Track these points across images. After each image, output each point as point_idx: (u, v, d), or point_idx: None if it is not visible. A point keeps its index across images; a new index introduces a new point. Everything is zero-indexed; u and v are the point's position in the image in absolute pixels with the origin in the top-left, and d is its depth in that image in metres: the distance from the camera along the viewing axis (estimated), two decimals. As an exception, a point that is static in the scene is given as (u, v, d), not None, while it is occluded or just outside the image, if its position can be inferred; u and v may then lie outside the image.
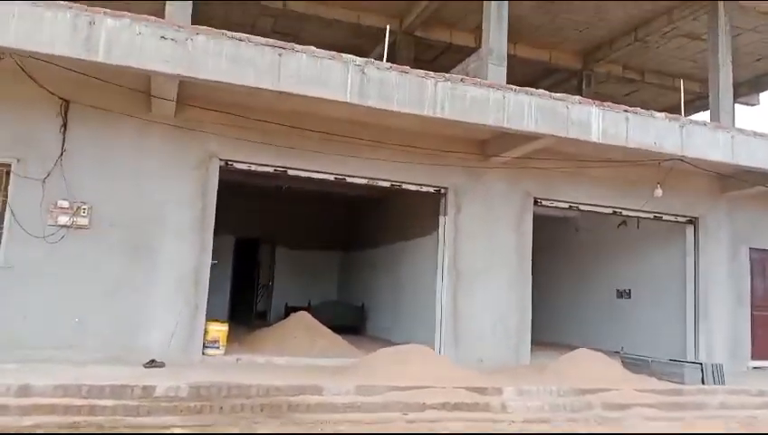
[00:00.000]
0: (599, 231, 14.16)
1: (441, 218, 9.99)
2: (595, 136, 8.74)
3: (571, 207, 10.67)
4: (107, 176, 8.11)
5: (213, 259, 8.72)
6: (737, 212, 11.60)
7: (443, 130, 9.23)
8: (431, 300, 10.24)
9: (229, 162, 8.82)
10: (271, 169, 9.07)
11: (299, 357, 9.14)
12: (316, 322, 10.50)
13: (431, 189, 9.93)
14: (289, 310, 13.46)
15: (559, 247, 14.92)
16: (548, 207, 10.55)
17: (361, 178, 9.48)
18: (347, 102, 7.79)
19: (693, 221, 11.41)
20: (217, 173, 8.69)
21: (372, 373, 8.03)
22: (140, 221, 8.21)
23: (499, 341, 9.86)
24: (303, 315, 10.70)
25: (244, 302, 16.92)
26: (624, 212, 11.04)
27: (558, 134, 8.60)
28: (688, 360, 10.28)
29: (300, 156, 8.93)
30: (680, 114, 9.68)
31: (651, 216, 11.18)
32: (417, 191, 10.05)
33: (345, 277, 16.69)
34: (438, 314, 9.82)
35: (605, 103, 8.94)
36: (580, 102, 8.75)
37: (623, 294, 13.69)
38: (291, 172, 9.17)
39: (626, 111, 8.96)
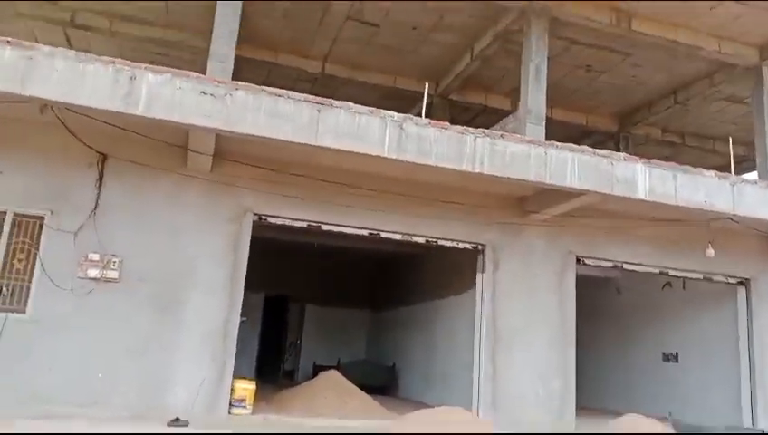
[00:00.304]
0: (642, 292, 13.57)
1: (479, 276, 9.63)
2: (642, 193, 8.40)
3: (615, 266, 10.23)
4: (140, 229, 8.02)
5: (242, 317, 8.48)
6: (790, 274, 10.99)
7: (480, 185, 9.02)
8: (467, 360, 9.79)
9: (263, 217, 8.68)
10: (305, 224, 8.90)
11: (329, 418, 8.71)
12: (346, 381, 10.09)
13: (468, 246, 9.62)
14: (317, 369, 13.04)
15: (600, 310, 14.32)
16: (591, 266, 10.13)
17: (396, 233, 9.24)
18: (385, 157, 7.64)
19: (744, 283, 10.83)
20: (251, 227, 8.55)
21: (408, 440, 7.56)
22: (171, 275, 8.05)
23: (541, 405, 9.30)
24: (333, 374, 10.30)
25: (272, 361, 16.54)
26: (671, 272, 10.54)
27: (602, 191, 8.29)
28: (746, 428, 9.49)
29: (334, 210, 8.76)
30: (728, 174, 9.29)
31: (701, 276, 10.65)
32: (454, 247, 9.75)
33: (375, 337, 16.24)
34: (476, 375, 9.33)
35: (651, 160, 8.64)
36: (625, 159, 8.47)
37: (670, 357, 12.97)
38: (324, 227, 8.99)
39: (673, 168, 8.63)
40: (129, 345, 7.74)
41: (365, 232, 9.16)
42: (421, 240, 9.43)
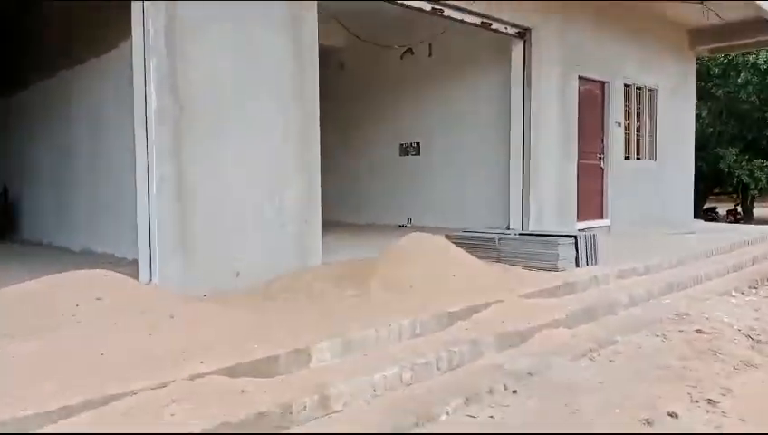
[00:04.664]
0: (374, 65, 10.11)
1: (137, 4, 4.60)
2: None
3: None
4: None
5: None
6: (568, 28, 8.42)
7: None
8: (128, 170, 5.15)
9: None
10: None
11: None
12: None
13: None
14: None
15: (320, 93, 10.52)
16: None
17: None
18: None
19: (523, 34, 7.91)
20: None
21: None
22: None
23: (269, 231, 5.23)
24: None
25: None
26: (447, 11, 6.91)
27: None
28: (540, 232, 6.92)
29: None
30: None
31: (478, 21, 7.31)
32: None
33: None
34: (145, 196, 4.72)
35: None
36: None
37: (409, 149, 10.12)
38: None
39: None
40: None
41: None
42: None
